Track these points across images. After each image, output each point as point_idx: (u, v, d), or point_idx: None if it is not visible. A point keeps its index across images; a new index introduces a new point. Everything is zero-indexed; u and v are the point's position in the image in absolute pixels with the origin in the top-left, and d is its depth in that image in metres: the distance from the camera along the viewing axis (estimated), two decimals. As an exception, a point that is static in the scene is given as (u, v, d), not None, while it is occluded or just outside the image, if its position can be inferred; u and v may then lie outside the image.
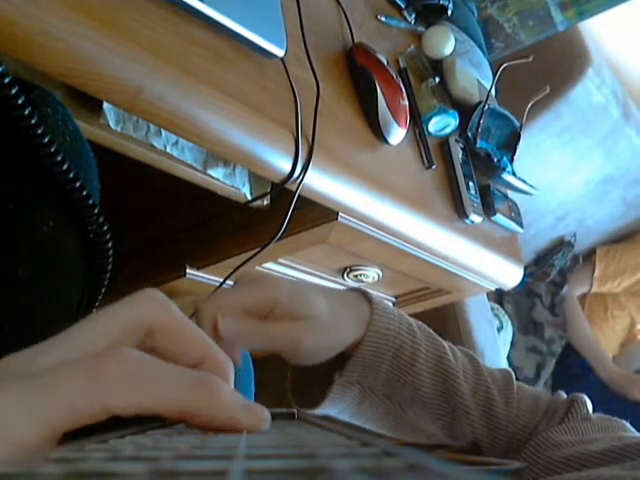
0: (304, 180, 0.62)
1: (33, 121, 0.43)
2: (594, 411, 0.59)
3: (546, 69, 1.53)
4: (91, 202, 0.48)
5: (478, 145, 0.95)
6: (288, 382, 0.58)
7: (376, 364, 0.54)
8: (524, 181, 1.02)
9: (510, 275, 0.99)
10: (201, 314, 0.46)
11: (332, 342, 0.50)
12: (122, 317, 0.27)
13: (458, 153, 0.90)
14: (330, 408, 0.55)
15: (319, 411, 0.55)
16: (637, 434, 0.55)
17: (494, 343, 1.53)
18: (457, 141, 0.92)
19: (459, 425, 0.57)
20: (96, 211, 0.49)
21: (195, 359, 0.28)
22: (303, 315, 0.48)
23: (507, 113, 1.02)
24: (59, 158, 0.45)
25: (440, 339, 0.59)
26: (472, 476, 0.13)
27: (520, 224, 1.02)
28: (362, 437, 0.21)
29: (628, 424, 0.57)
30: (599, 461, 0.48)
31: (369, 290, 0.57)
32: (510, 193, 1.05)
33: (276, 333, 0.47)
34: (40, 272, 0.48)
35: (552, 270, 2.36)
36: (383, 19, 0.91)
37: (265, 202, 0.71)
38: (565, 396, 0.61)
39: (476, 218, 0.88)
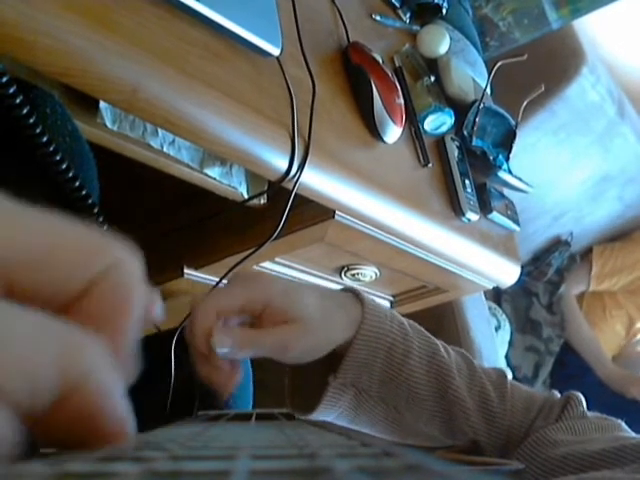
0: (300, 179, 0.62)
1: (31, 120, 0.43)
2: (592, 410, 0.59)
3: (541, 67, 1.54)
4: (90, 202, 0.48)
5: (474, 143, 0.95)
6: (286, 390, 0.58)
7: (369, 364, 0.54)
8: (520, 179, 1.02)
9: (507, 273, 0.99)
10: (197, 319, 0.46)
11: (320, 343, 0.51)
12: None
13: (454, 151, 0.90)
14: (327, 413, 0.56)
15: (316, 416, 0.55)
16: (633, 434, 0.55)
17: (492, 342, 1.54)
18: (453, 139, 0.92)
19: (457, 421, 0.57)
20: (95, 211, 0.49)
21: None
22: (294, 315, 0.49)
23: (502, 111, 1.02)
24: (58, 157, 0.45)
25: (433, 337, 0.60)
26: (472, 476, 0.13)
27: (517, 222, 1.02)
28: (362, 437, 0.21)
29: (624, 424, 0.57)
30: (597, 461, 0.49)
31: (363, 291, 0.57)
32: (506, 191, 1.05)
33: (267, 342, 0.48)
34: None
35: (549, 269, 2.36)
36: (378, 18, 0.91)
37: (262, 201, 0.71)
38: (559, 395, 0.61)
39: (472, 216, 0.88)
